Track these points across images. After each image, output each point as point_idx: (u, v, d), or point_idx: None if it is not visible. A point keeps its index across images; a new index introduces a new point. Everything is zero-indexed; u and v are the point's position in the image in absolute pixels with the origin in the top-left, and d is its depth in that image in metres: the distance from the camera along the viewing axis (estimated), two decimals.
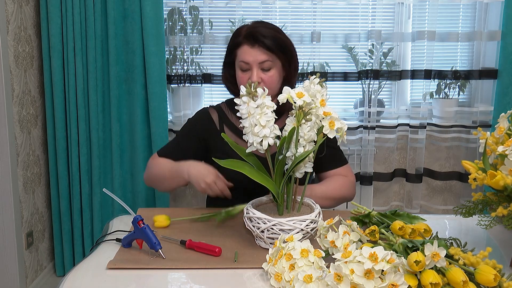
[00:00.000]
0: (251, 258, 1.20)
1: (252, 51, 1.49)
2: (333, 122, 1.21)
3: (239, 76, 1.54)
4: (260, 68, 1.49)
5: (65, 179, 2.64)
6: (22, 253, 2.42)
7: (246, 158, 1.24)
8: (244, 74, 1.51)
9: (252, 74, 1.49)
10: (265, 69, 1.50)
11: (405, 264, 0.95)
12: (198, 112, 1.71)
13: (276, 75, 1.52)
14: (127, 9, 2.53)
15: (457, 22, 2.75)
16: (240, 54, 1.51)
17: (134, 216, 1.24)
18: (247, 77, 1.50)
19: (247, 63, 1.49)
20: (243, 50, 1.50)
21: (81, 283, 1.12)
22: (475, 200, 1.17)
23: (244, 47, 1.50)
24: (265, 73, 1.50)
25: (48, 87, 2.56)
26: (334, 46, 2.74)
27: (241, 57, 1.51)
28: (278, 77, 1.53)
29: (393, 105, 2.87)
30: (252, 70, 1.49)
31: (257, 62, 1.49)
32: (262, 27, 1.51)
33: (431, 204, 2.94)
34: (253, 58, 1.49)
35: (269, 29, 1.52)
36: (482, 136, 1.19)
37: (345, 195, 1.61)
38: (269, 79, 1.50)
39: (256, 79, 1.48)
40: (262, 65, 1.49)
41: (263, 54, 1.48)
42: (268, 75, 1.50)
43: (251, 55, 1.49)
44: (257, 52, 1.48)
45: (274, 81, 1.52)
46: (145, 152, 2.68)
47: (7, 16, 2.29)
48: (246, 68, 1.51)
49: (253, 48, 1.49)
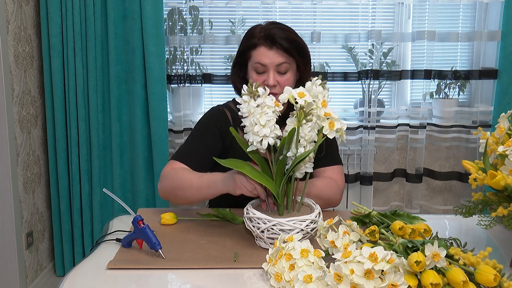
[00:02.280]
0: (251, 258, 1.20)
1: (269, 53, 1.45)
2: (332, 122, 1.21)
3: (253, 78, 1.49)
4: (276, 71, 1.47)
5: (65, 179, 2.64)
6: (22, 253, 2.42)
7: (251, 155, 1.24)
8: (259, 76, 1.48)
9: (269, 77, 1.45)
10: (282, 72, 1.47)
11: (405, 264, 0.95)
12: (210, 110, 1.64)
13: (291, 78, 1.49)
14: (127, 9, 2.53)
15: (457, 22, 2.75)
16: (256, 55, 1.47)
17: (134, 216, 1.24)
18: (263, 80, 1.47)
19: (264, 65, 1.46)
20: (260, 52, 1.46)
21: (81, 283, 1.12)
22: (475, 200, 1.17)
23: (261, 48, 1.46)
24: (281, 76, 1.47)
25: (48, 87, 2.56)
26: (334, 46, 2.74)
27: (258, 58, 1.46)
28: (293, 80, 1.50)
29: (393, 105, 2.87)
30: (269, 73, 1.46)
31: (275, 65, 1.45)
32: (278, 29, 1.47)
33: (431, 204, 2.94)
34: (271, 60, 1.45)
35: (285, 30, 1.48)
36: (483, 136, 1.19)
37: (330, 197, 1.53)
38: (285, 82, 1.47)
39: (273, 82, 1.45)
40: (279, 68, 1.46)
41: (281, 56, 1.45)
42: (284, 78, 1.47)
43: (268, 57, 1.45)
44: (275, 54, 1.45)
45: (290, 84, 1.49)
46: (145, 152, 2.68)
47: (7, 16, 2.29)
48: (262, 70, 1.47)
49: (271, 50, 1.45)
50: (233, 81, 1.60)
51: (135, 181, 2.71)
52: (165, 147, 2.64)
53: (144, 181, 2.70)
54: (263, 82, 1.47)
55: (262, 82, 1.47)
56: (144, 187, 2.70)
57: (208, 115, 1.63)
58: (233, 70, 1.59)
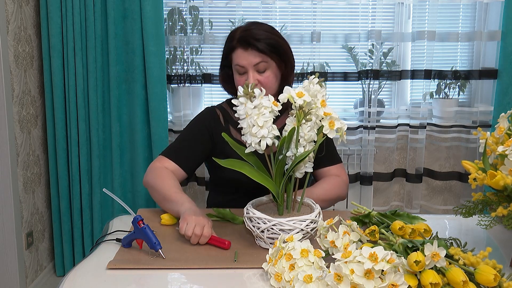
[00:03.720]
0: (251, 258, 1.20)
1: (245, 54, 1.51)
2: (333, 122, 1.21)
3: (236, 79, 1.57)
4: (255, 70, 1.52)
5: (65, 179, 2.64)
6: (22, 253, 2.42)
7: (246, 158, 1.24)
8: (241, 77, 1.54)
9: (249, 77, 1.52)
10: (261, 71, 1.53)
11: (405, 264, 0.95)
12: (203, 111, 1.71)
13: (272, 75, 1.54)
14: (127, 9, 2.53)
15: (457, 22, 2.75)
16: (235, 58, 1.54)
17: (134, 216, 1.24)
18: (244, 80, 1.53)
19: (243, 66, 1.52)
20: (238, 54, 1.53)
21: (81, 283, 1.12)
22: (475, 200, 1.17)
23: (238, 51, 1.52)
24: (261, 75, 1.53)
25: (48, 87, 2.56)
26: (334, 46, 2.74)
27: (236, 61, 1.53)
28: (274, 77, 1.55)
29: (393, 105, 2.87)
30: (248, 73, 1.52)
31: (252, 65, 1.51)
32: (255, 29, 1.53)
33: (431, 204, 2.94)
34: (247, 61, 1.51)
35: (262, 30, 1.53)
36: (482, 136, 1.19)
37: (339, 195, 1.64)
38: (265, 79, 1.53)
39: (253, 81, 1.50)
40: (257, 67, 1.52)
41: (257, 56, 1.51)
42: (264, 76, 1.53)
43: (245, 58, 1.51)
44: (250, 55, 1.51)
45: (271, 81, 1.54)
46: (145, 152, 2.68)
47: (7, 16, 2.29)
48: (243, 71, 1.54)
49: (247, 52, 1.51)
50: (221, 81, 1.68)
51: (135, 181, 2.71)
52: (165, 147, 2.63)
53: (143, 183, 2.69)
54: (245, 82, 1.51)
55: (244, 82, 1.52)
56: (144, 187, 2.70)
57: (199, 115, 1.70)
58: (221, 71, 1.66)
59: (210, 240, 1.27)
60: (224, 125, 1.65)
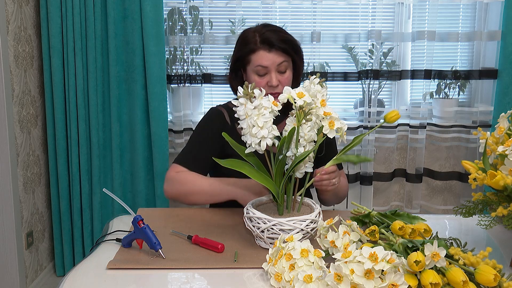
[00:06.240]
0: (251, 258, 1.20)
1: (269, 55, 1.52)
2: (333, 122, 1.21)
3: (255, 81, 1.55)
4: (276, 71, 1.54)
5: (65, 179, 2.64)
6: (22, 253, 2.42)
7: (246, 158, 1.24)
8: (261, 78, 1.54)
9: (271, 78, 1.52)
10: (282, 71, 1.54)
11: (405, 264, 0.95)
12: (209, 112, 1.69)
13: (290, 75, 1.58)
14: (127, 9, 2.53)
15: (457, 22, 2.75)
16: (257, 59, 1.53)
17: (134, 216, 1.24)
18: (265, 81, 1.53)
19: (266, 67, 1.52)
20: (260, 55, 1.53)
21: (81, 283, 1.12)
22: (475, 200, 1.17)
23: (261, 52, 1.53)
24: (281, 75, 1.55)
25: (48, 87, 2.56)
26: (334, 46, 2.74)
27: (258, 62, 1.53)
28: (291, 77, 1.59)
29: (393, 105, 2.87)
30: (271, 74, 1.53)
31: (275, 65, 1.53)
32: (272, 32, 1.54)
33: (431, 204, 2.94)
34: (271, 61, 1.52)
35: (278, 32, 1.55)
36: (482, 136, 1.19)
37: (345, 194, 1.68)
38: (286, 80, 1.55)
39: (276, 82, 1.52)
40: (279, 67, 1.53)
41: (280, 56, 1.53)
42: (284, 76, 1.55)
43: (268, 59, 1.52)
44: (275, 55, 1.52)
45: (290, 81, 1.58)
46: (145, 152, 2.68)
47: (7, 16, 2.29)
48: (264, 72, 1.54)
49: (270, 53, 1.52)
50: (230, 82, 1.67)
51: (135, 181, 2.71)
52: (165, 147, 2.64)
53: (144, 181, 2.70)
54: (266, 84, 1.53)
55: (265, 83, 1.53)
56: (144, 187, 2.70)
57: (206, 118, 1.69)
58: (231, 73, 1.65)
59: (204, 243, 1.27)
60: (231, 124, 1.64)
